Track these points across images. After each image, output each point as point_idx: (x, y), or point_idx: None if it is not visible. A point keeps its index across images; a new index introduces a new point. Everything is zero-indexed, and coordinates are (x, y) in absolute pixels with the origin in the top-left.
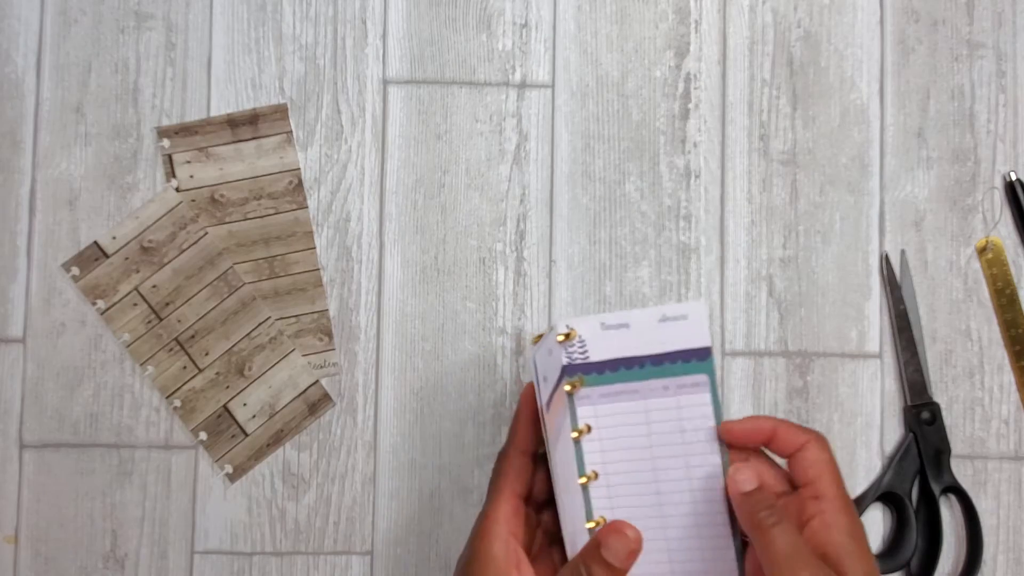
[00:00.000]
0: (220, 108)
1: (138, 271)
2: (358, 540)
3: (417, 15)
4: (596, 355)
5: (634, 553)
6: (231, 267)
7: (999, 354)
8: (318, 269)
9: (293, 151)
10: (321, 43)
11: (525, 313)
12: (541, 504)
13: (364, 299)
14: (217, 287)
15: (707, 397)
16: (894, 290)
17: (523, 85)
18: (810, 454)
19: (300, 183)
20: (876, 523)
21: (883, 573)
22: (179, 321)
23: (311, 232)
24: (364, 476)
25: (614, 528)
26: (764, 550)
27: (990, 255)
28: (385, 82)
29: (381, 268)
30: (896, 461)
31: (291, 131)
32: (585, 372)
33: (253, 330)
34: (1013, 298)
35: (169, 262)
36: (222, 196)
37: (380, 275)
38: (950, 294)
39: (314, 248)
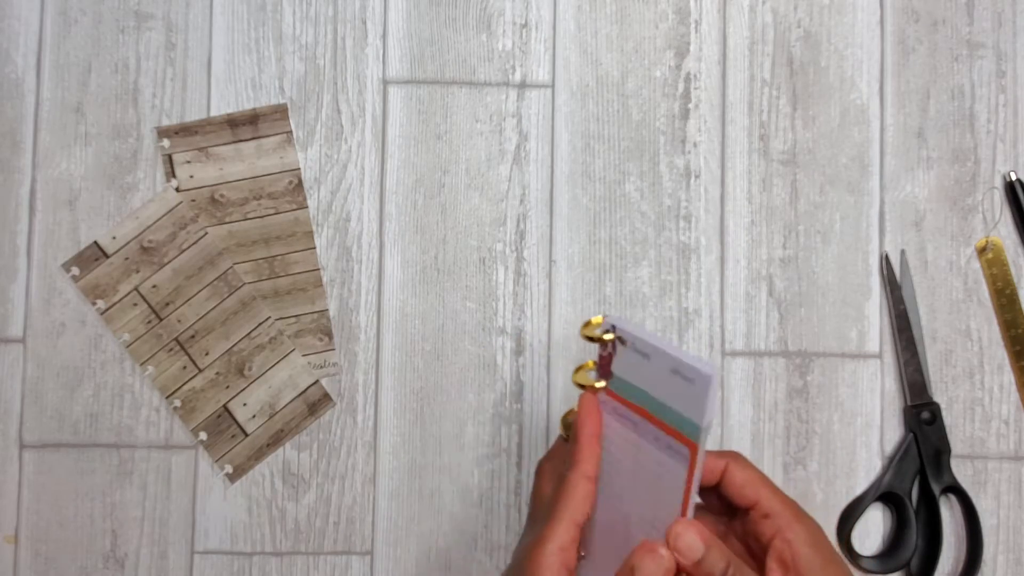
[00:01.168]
0: (220, 108)
1: (138, 271)
2: (358, 540)
3: (417, 15)
4: (618, 369)
5: (669, 572)
6: (231, 267)
7: (999, 354)
8: (318, 269)
9: (293, 151)
10: (321, 43)
11: (525, 313)
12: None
13: (364, 299)
14: (217, 287)
15: (683, 474)
16: (894, 290)
17: (523, 85)
18: (737, 476)
19: (300, 183)
20: (876, 523)
21: (883, 573)
22: (179, 321)
23: (311, 232)
24: (364, 476)
25: (647, 548)
26: None
27: (990, 255)
28: (385, 82)
29: (381, 268)
30: (896, 461)
31: (291, 131)
32: (609, 379)
33: (253, 330)
34: (1013, 298)
35: (169, 262)
36: (222, 196)
37: (380, 275)
38: (950, 294)
39: (314, 248)
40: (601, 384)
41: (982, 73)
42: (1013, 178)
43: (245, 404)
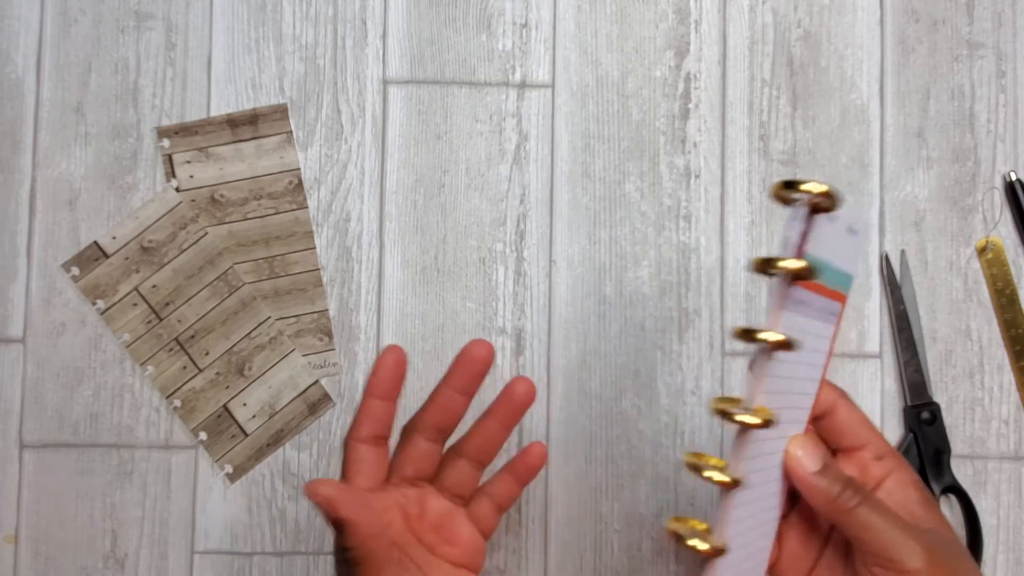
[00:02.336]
0: (220, 108)
1: (138, 271)
2: None
3: (417, 15)
4: (815, 247)
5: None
6: (231, 267)
7: (999, 354)
8: (318, 269)
9: (293, 151)
10: (321, 43)
11: (525, 313)
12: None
13: (364, 299)
14: (217, 287)
15: (830, 330)
16: (894, 290)
17: (523, 85)
18: (845, 414)
19: (300, 183)
20: None
21: None
22: (179, 321)
23: (311, 232)
24: None
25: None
26: (860, 532)
27: (990, 255)
28: (385, 82)
29: (381, 268)
30: None
31: (291, 131)
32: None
33: (253, 330)
34: (1013, 298)
35: (169, 262)
36: (222, 196)
37: (380, 275)
38: (950, 294)
39: (314, 248)
40: (800, 264)
41: (982, 73)
42: (1013, 178)
43: (245, 404)
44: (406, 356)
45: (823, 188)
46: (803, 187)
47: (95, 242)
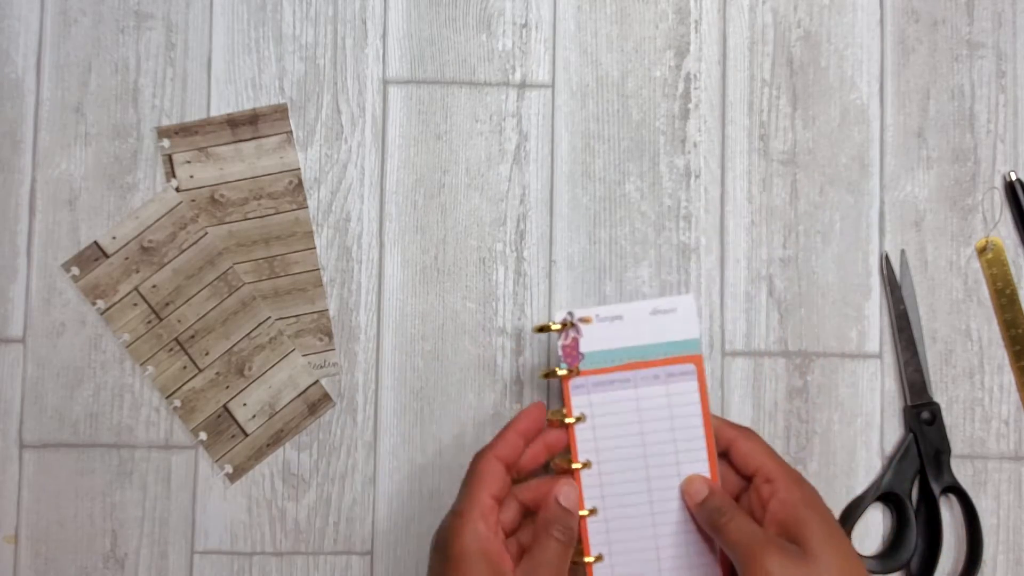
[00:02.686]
0: (220, 108)
1: (138, 271)
2: (358, 540)
3: (417, 15)
4: (589, 345)
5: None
6: (231, 267)
7: (999, 354)
8: (318, 269)
9: (293, 151)
10: (321, 43)
11: (525, 313)
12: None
13: (364, 299)
14: (217, 287)
15: (694, 385)
16: (894, 290)
17: (523, 85)
18: (742, 446)
19: (300, 183)
20: (876, 523)
21: (883, 573)
22: (179, 321)
23: (311, 232)
24: (364, 476)
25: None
26: (725, 545)
27: (990, 255)
28: (385, 82)
29: (381, 268)
30: (896, 461)
31: (291, 131)
32: (578, 361)
33: (253, 330)
34: (1013, 298)
35: (169, 262)
36: (222, 196)
37: (380, 275)
38: (950, 294)
39: (314, 248)
40: (563, 372)
41: (982, 73)
42: (1013, 178)
43: (245, 404)
44: (545, 413)
45: (557, 325)
46: (551, 326)
47: (95, 242)
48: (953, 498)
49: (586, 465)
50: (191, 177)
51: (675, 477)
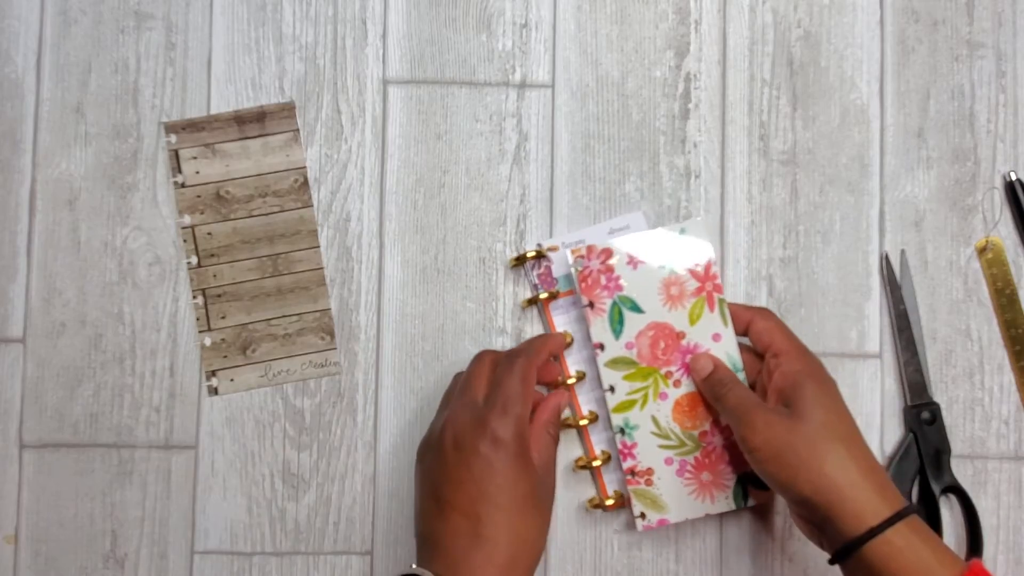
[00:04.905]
0: (220, 108)
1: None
2: (358, 540)
3: (417, 15)
4: (560, 270)
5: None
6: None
7: (999, 354)
8: (321, 268)
9: (299, 149)
10: (321, 43)
11: (525, 313)
12: None
13: (364, 299)
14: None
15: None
16: (894, 290)
17: (523, 85)
18: (757, 325)
19: (305, 181)
20: None
21: None
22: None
23: (315, 230)
24: (364, 476)
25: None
26: (724, 412)
27: (990, 255)
28: (385, 82)
29: (381, 268)
30: (896, 461)
31: (298, 129)
32: (554, 286)
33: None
34: (1013, 298)
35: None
36: (228, 193)
37: (380, 275)
38: (950, 294)
39: (318, 247)
40: (543, 296)
41: (982, 73)
42: (1013, 178)
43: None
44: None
45: (532, 253)
46: (527, 254)
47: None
48: (953, 498)
49: (580, 377)
50: (197, 173)
51: None
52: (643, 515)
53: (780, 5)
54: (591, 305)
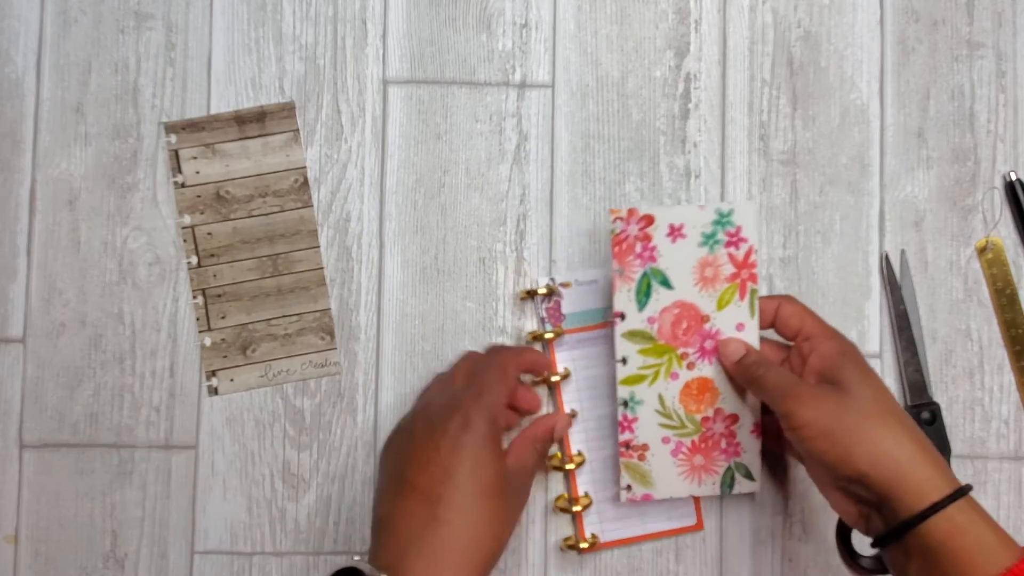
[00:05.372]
0: (220, 108)
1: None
2: (358, 540)
3: (417, 15)
4: (570, 307)
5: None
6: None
7: (999, 354)
8: (321, 268)
9: (300, 149)
10: (321, 43)
11: (525, 313)
12: None
13: (364, 299)
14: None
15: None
16: (894, 290)
17: (523, 85)
18: (784, 311)
19: (306, 181)
20: None
21: (883, 573)
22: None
23: (315, 230)
24: (364, 476)
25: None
26: (763, 394)
27: (990, 255)
28: (385, 82)
29: (381, 268)
30: None
31: (298, 129)
32: (561, 322)
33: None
34: (1013, 298)
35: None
36: (227, 192)
37: (380, 275)
38: (950, 294)
39: (318, 247)
40: (550, 334)
41: (982, 73)
42: (1013, 178)
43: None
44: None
45: (543, 290)
46: (538, 291)
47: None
48: None
49: (566, 375)
50: (197, 173)
51: None
52: (629, 487)
53: (780, 5)
54: (620, 272)
